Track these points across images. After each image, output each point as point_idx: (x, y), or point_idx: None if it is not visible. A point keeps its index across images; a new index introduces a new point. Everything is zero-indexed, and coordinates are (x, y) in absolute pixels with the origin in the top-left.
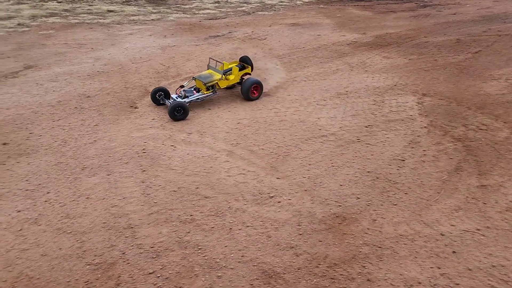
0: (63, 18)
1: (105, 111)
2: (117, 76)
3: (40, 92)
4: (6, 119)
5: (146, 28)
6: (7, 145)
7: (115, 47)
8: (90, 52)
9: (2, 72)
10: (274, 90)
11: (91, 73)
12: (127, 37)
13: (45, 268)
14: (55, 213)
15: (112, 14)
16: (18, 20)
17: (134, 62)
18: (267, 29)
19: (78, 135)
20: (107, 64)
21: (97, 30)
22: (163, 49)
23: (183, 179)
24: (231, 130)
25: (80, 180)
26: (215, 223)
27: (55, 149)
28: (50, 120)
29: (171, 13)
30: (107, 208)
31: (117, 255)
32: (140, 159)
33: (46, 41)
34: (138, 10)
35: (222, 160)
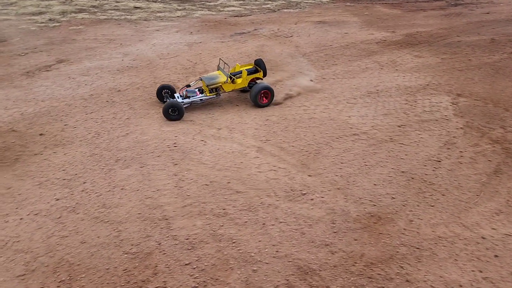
0: (91, 14)
1: (135, 105)
2: (146, 71)
3: (73, 86)
4: (42, 110)
5: (172, 24)
6: (43, 136)
7: (143, 43)
8: (119, 47)
9: (36, 66)
10: (302, 88)
11: (120, 68)
12: (154, 33)
13: (84, 255)
14: (92, 202)
15: (139, 11)
16: (49, 15)
17: (161, 58)
18: (293, 26)
19: (111, 128)
20: (135, 60)
21: (125, 26)
22: (189, 46)
23: (214, 174)
24: (260, 126)
25: (115, 171)
26: (248, 218)
27: (89, 140)
28: (83, 112)
29: (196, 10)
30: (142, 199)
31: (153, 245)
32: (172, 152)
33: (77, 36)
34: (164, 7)
35: (252, 156)
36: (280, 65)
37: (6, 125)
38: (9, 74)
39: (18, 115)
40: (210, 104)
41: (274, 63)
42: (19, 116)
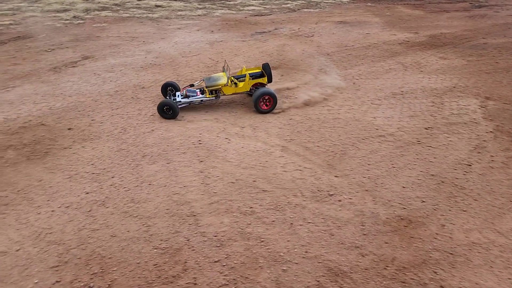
0: (114, 12)
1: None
2: (168, 69)
3: (98, 82)
4: (69, 105)
5: (193, 23)
6: (71, 130)
7: (165, 41)
8: (141, 45)
9: (63, 62)
10: (325, 88)
11: (144, 65)
12: (175, 32)
13: (115, 249)
14: (120, 197)
15: (160, 9)
16: (73, 12)
17: (184, 56)
18: (313, 26)
19: (136, 124)
20: (158, 57)
21: (147, 24)
22: (211, 44)
23: (240, 172)
24: (284, 126)
25: (142, 167)
26: (275, 217)
27: (116, 136)
28: (109, 108)
29: (216, 9)
30: (169, 195)
31: (182, 241)
32: (197, 149)
33: (100, 34)
34: (185, 6)
35: (277, 155)
36: (302, 65)
37: (35, 119)
38: (36, 70)
39: (46, 110)
40: (233, 102)
41: (295, 63)
42: (47, 111)
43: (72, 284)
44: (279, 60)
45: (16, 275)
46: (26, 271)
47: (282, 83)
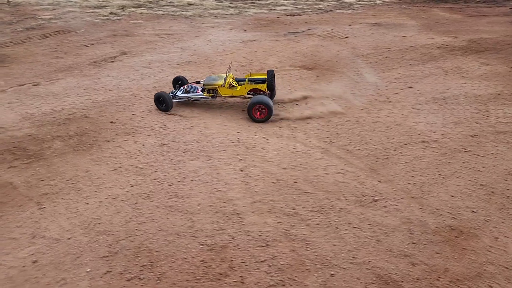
0: (149, 9)
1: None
2: (204, 67)
3: (137, 77)
4: (110, 99)
5: (226, 22)
6: (114, 124)
7: (199, 39)
8: (176, 42)
9: (102, 56)
10: (363, 90)
11: (180, 62)
12: (209, 30)
13: (162, 242)
14: (164, 191)
15: (193, 7)
16: (109, 9)
17: (218, 54)
18: (347, 27)
19: (176, 120)
20: (193, 55)
21: (181, 21)
22: (244, 43)
23: (280, 172)
24: (322, 127)
25: (183, 162)
26: (319, 220)
27: (157, 131)
28: (149, 103)
29: (248, 8)
30: (212, 192)
31: (227, 239)
32: (236, 147)
33: (137, 30)
34: (217, 4)
35: (317, 157)
36: (337, 66)
37: (80, 112)
38: (78, 63)
39: (89, 103)
40: None
41: (331, 64)
42: (90, 104)
43: (123, 274)
44: (313, 61)
45: (69, 263)
46: (78, 259)
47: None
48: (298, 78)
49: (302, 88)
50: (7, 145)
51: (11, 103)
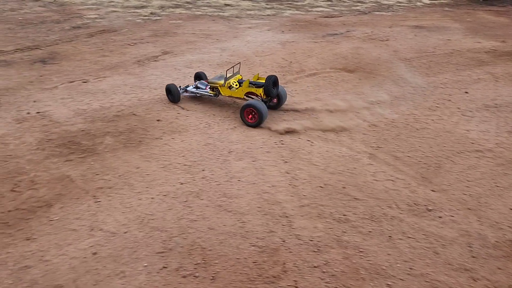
0: (187, 9)
1: (239, 99)
2: (244, 68)
3: (179, 76)
4: (155, 98)
5: (263, 23)
6: (160, 122)
7: (238, 39)
8: (215, 42)
9: (145, 56)
10: (408, 95)
11: (220, 63)
12: (247, 31)
13: (214, 241)
14: (213, 190)
15: (229, 8)
16: (150, 9)
17: (257, 55)
18: (387, 30)
19: (219, 120)
20: (233, 55)
21: (219, 22)
22: (282, 44)
23: (327, 176)
24: (368, 132)
25: (229, 162)
26: (371, 228)
27: (202, 130)
28: (192, 103)
29: (284, 10)
30: (259, 193)
31: (278, 241)
32: (280, 150)
33: (177, 30)
34: (253, 5)
35: (365, 162)
36: (380, 70)
37: (127, 109)
38: (123, 62)
39: (136, 100)
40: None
41: (373, 67)
42: (137, 101)
43: (178, 271)
44: (355, 64)
45: (127, 257)
46: (135, 253)
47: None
48: (340, 80)
49: (344, 91)
50: (63, 139)
51: (64, 99)
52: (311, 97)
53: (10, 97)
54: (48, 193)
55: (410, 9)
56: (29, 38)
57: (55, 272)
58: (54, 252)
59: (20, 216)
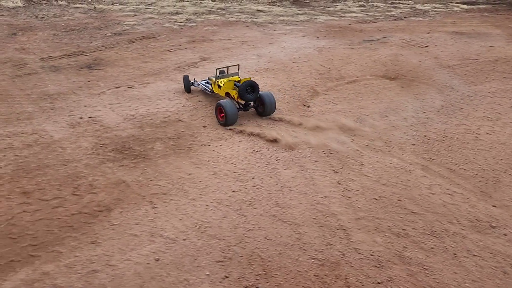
0: (221, 15)
1: (280, 107)
2: (282, 74)
3: None
4: (198, 104)
5: (297, 28)
6: (206, 128)
7: (273, 46)
8: (251, 49)
9: (185, 62)
10: (455, 104)
11: (258, 69)
12: (282, 37)
13: (273, 252)
14: (265, 199)
15: (262, 14)
16: (185, 15)
17: (294, 61)
18: (425, 36)
19: (264, 127)
20: (270, 62)
21: (253, 28)
22: (319, 51)
23: (381, 188)
24: (418, 142)
25: (278, 171)
26: (433, 244)
27: (247, 137)
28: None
29: (317, 15)
30: (312, 204)
31: (338, 255)
32: (329, 159)
33: (213, 36)
34: (285, 11)
35: (418, 174)
36: (422, 77)
37: (173, 115)
38: (164, 68)
39: (180, 107)
40: (357, 113)
41: (414, 74)
42: (181, 108)
43: (240, 281)
44: (395, 71)
45: (188, 264)
46: (196, 261)
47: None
48: (381, 88)
49: (388, 99)
50: (115, 144)
51: (112, 104)
52: (354, 105)
53: (62, 102)
54: (107, 198)
55: (447, 15)
56: (74, 44)
57: (122, 278)
58: (118, 257)
59: (83, 219)
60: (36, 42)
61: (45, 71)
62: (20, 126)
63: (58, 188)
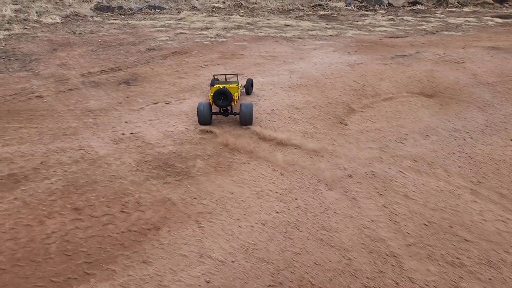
0: (249, 30)
1: (317, 124)
2: (316, 91)
3: (254, 99)
4: (235, 121)
5: (327, 43)
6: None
7: (304, 61)
8: (283, 64)
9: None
10: (500, 124)
11: (291, 85)
12: (312, 52)
13: (323, 278)
14: (310, 222)
15: (290, 29)
16: (215, 31)
17: (327, 77)
18: (460, 51)
19: (300, 144)
20: (302, 78)
21: (282, 43)
22: (351, 66)
23: (429, 213)
24: (464, 164)
25: (321, 192)
26: (491, 275)
27: (288, 154)
28: (272, 127)
29: (346, 30)
30: (359, 228)
31: (391, 284)
32: (372, 180)
33: (243, 52)
34: (313, 26)
35: (467, 198)
36: (461, 95)
37: (210, 132)
38: (199, 84)
39: (217, 123)
40: (397, 132)
41: (453, 92)
42: (218, 124)
43: None
44: (432, 88)
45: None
46: (246, 285)
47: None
48: (419, 106)
49: (427, 117)
50: (158, 161)
51: (151, 121)
52: (392, 124)
53: (104, 118)
54: (154, 216)
55: (482, 29)
56: (111, 60)
57: None
58: (170, 277)
59: (133, 238)
60: (76, 58)
61: (86, 86)
62: (67, 142)
63: (107, 204)
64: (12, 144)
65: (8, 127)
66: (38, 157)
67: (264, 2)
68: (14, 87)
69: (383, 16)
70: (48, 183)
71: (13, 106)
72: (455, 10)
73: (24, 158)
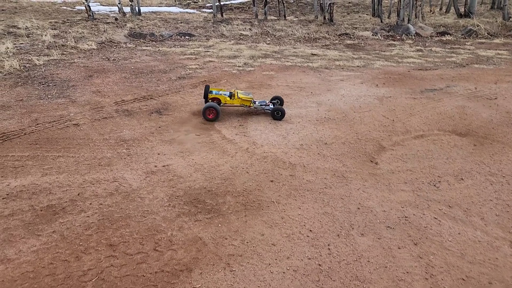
0: (276, 59)
1: (347, 162)
2: (344, 125)
3: (282, 133)
4: (263, 155)
5: (354, 75)
6: (273, 183)
7: (332, 93)
8: (310, 96)
9: (246, 109)
10: None
11: (318, 119)
12: (339, 83)
13: None
14: (343, 270)
15: (317, 58)
16: (242, 59)
17: (355, 111)
18: (493, 86)
19: (332, 185)
20: (330, 111)
21: (309, 74)
22: (380, 100)
23: (467, 267)
24: (502, 213)
25: (353, 238)
26: None
27: (317, 195)
28: (301, 164)
29: (373, 60)
30: (394, 280)
31: None
32: (405, 227)
33: (271, 82)
34: (340, 55)
35: (507, 252)
36: (495, 134)
37: (240, 166)
38: (228, 116)
39: (246, 157)
40: (429, 173)
41: (486, 131)
42: (247, 158)
43: None
44: (465, 126)
45: None
46: None
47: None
48: (452, 146)
49: (461, 158)
50: (188, 196)
51: (182, 153)
52: (424, 164)
53: (137, 148)
54: (186, 256)
55: None
56: (143, 88)
57: None
58: None
59: (166, 279)
60: (110, 85)
61: (120, 115)
62: (102, 173)
63: (141, 241)
64: (51, 173)
65: (47, 156)
66: (75, 188)
67: (290, 30)
68: (53, 114)
69: (410, 46)
70: (85, 216)
71: (52, 134)
72: (485, 42)
73: (62, 189)
